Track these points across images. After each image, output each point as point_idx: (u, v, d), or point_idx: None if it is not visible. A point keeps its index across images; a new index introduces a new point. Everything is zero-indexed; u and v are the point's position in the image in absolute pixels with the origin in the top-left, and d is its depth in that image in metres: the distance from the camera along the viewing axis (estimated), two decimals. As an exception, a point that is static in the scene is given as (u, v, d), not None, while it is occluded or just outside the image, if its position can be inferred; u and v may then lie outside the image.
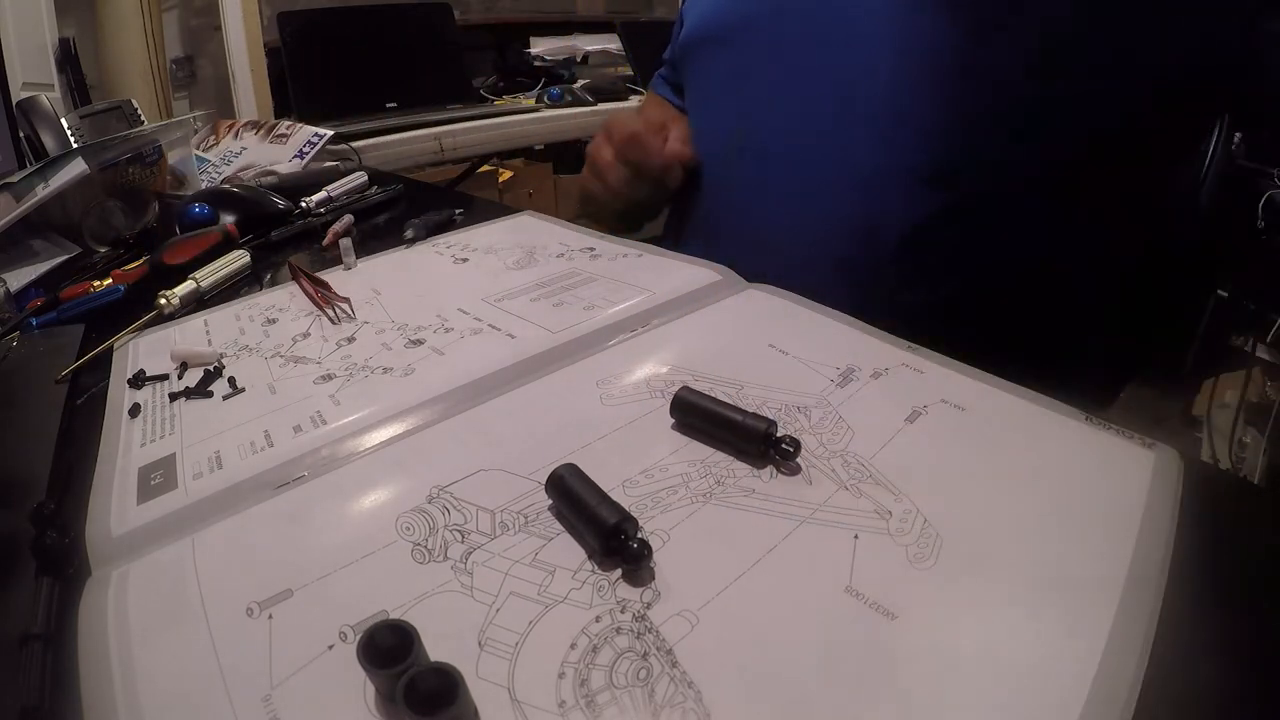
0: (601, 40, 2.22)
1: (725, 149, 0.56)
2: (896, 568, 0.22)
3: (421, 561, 0.24)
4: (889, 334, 0.37)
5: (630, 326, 0.39)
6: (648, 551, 0.23)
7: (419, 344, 0.39)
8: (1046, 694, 0.18)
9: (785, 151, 0.51)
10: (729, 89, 0.56)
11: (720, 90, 0.57)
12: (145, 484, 0.29)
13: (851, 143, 0.47)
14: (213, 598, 0.23)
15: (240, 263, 0.56)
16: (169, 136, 0.85)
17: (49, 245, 0.66)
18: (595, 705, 0.19)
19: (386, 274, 0.51)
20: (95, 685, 0.20)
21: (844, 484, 0.26)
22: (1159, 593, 0.21)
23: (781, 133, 0.52)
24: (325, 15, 1.54)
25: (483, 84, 1.96)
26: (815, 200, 0.50)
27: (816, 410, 0.31)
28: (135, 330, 0.46)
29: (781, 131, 0.52)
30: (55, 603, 0.24)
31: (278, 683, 0.20)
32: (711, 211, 0.58)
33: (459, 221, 0.64)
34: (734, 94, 0.56)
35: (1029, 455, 0.27)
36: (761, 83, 0.53)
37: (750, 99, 0.54)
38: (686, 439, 0.29)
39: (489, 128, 1.43)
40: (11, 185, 0.62)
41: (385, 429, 0.31)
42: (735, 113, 0.55)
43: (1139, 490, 0.25)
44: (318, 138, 1.01)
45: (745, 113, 0.54)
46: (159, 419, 0.34)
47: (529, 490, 0.27)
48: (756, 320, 0.40)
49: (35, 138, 0.84)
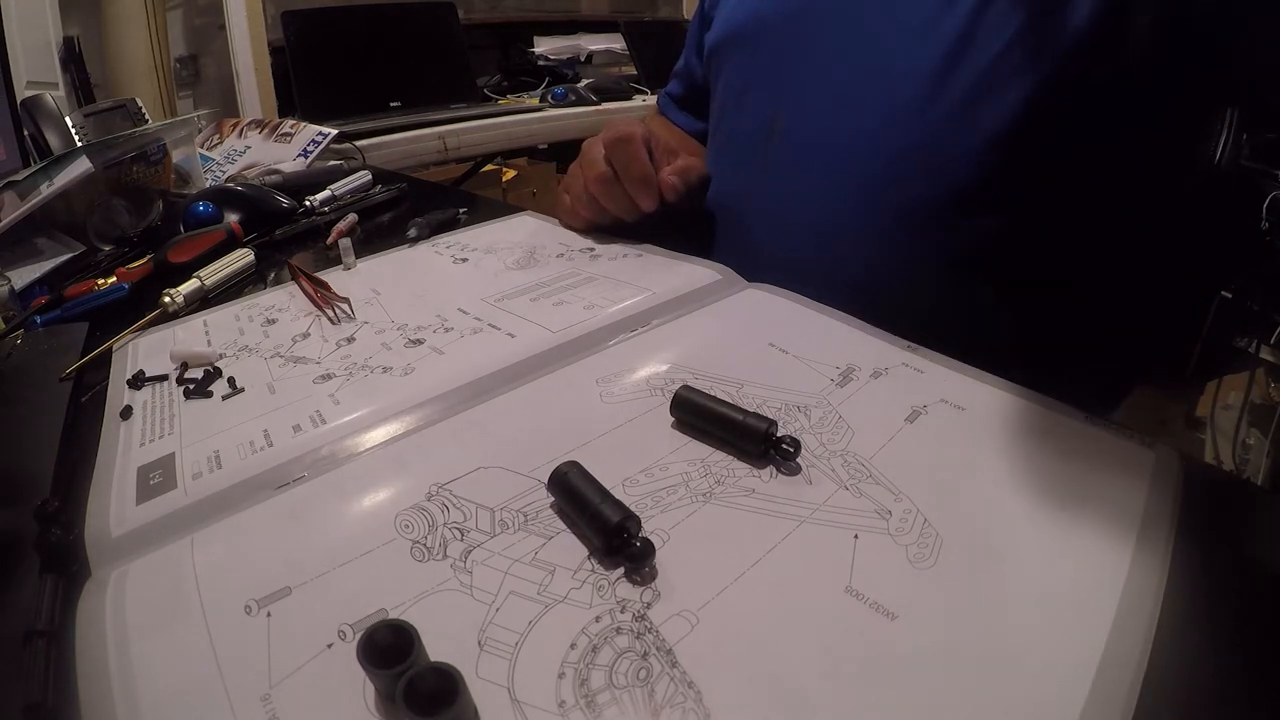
0: (605, 40, 2.22)
1: (758, 137, 0.55)
2: (896, 568, 0.22)
3: (421, 560, 0.24)
4: (889, 334, 0.37)
5: (630, 326, 0.39)
6: (650, 551, 0.23)
7: (419, 344, 0.39)
8: (1046, 694, 0.18)
9: (820, 140, 0.51)
10: (764, 83, 0.55)
11: (756, 85, 0.57)
12: (144, 484, 0.29)
13: (890, 133, 0.47)
14: (211, 596, 0.23)
15: (244, 261, 0.57)
16: (173, 135, 0.85)
17: (53, 243, 0.66)
18: (595, 705, 0.19)
19: (386, 274, 0.52)
20: (93, 685, 0.20)
21: (844, 484, 0.26)
22: (1159, 593, 0.21)
23: (817, 124, 0.51)
24: (329, 14, 1.54)
25: (487, 83, 1.96)
26: (849, 191, 0.50)
27: (816, 410, 0.31)
28: (139, 328, 0.46)
29: (817, 122, 0.51)
30: (59, 600, 0.24)
31: (276, 681, 0.20)
32: (738, 215, 0.57)
33: (463, 220, 0.64)
34: (770, 88, 0.55)
35: (1029, 455, 0.27)
36: (798, 75, 0.52)
37: (787, 91, 0.53)
38: (687, 438, 0.29)
39: (493, 127, 1.43)
40: (16, 183, 0.62)
41: (385, 428, 0.31)
42: (768, 106, 0.54)
43: (1139, 490, 0.25)
44: (322, 136, 1.02)
45: (779, 103, 0.53)
46: (158, 419, 0.34)
47: (529, 488, 0.27)
48: (756, 319, 0.40)
49: (40, 136, 0.84)
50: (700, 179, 0.57)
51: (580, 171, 0.54)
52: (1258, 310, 0.96)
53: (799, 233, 0.52)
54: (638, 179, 0.50)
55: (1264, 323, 0.96)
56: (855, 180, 0.49)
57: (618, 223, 0.53)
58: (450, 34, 1.64)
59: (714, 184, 0.59)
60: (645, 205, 0.50)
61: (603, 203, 0.52)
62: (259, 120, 1.15)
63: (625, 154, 0.50)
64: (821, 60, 0.51)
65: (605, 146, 0.51)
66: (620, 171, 0.51)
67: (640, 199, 0.50)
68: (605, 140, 0.51)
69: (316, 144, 1.01)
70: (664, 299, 0.42)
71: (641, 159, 0.50)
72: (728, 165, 0.59)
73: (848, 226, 0.50)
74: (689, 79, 0.74)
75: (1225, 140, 0.56)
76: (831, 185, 0.50)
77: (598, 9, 2.64)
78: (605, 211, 0.53)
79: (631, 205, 0.51)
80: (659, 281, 0.44)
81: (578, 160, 0.55)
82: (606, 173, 0.51)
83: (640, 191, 0.50)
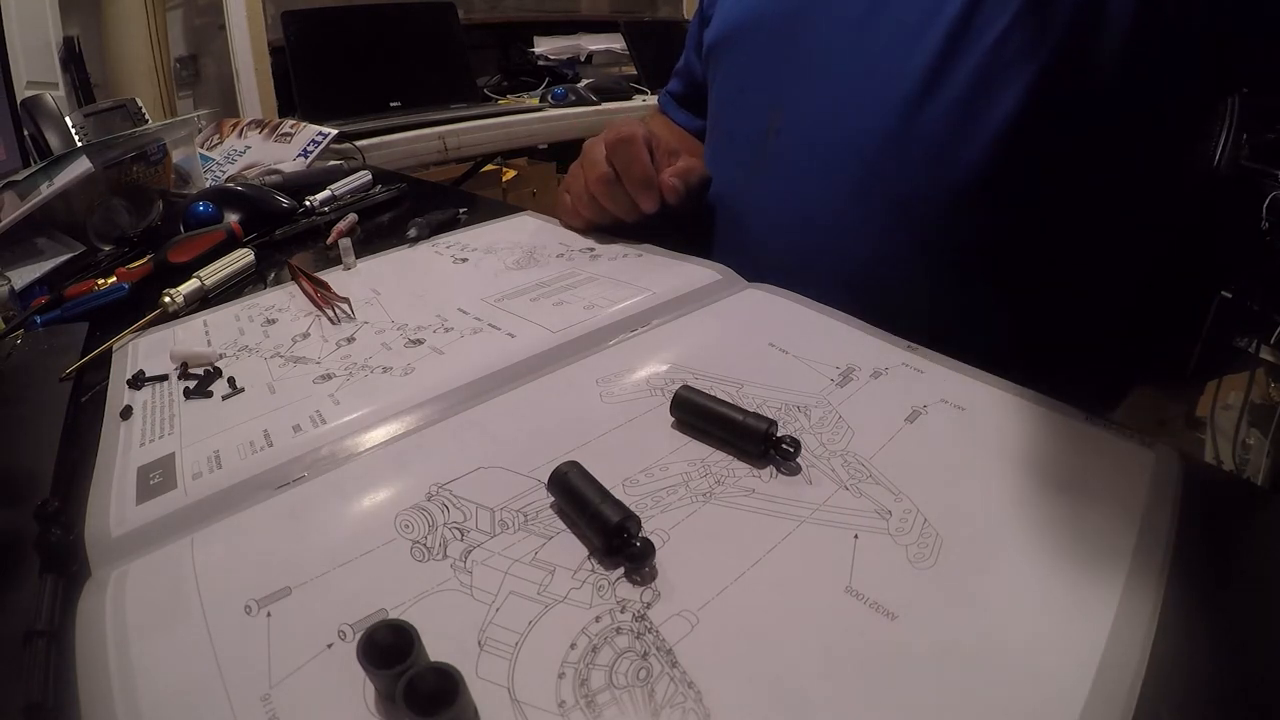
0: (605, 40, 2.22)
1: (756, 136, 0.55)
2: (896, 568, 0.22)
3: (421, 560, 0.24)
4: (889, 333, 0.37)
5: (630, 326, 0.39)
6: (650, 551, 0.23)
7: (419, 344, 0.39)
8: (1047, 694, 0.18)
9: (818, 138, 0.51)
10: (762, 82, 0.55)
11: (753, 84, 0.56)
12: (144, 484, 0.29)
13: (888, 130, 0.47)
14: (211, 596, 0.23)
15: (244, 261, 0.57)
16: (173, 135, 0.85)
17: (53, 243, 0.66)
18: (595, 705, 0.19)
19: (386, 274, 0.52)
20: (93, 685, 0.20)
21: (844, 484, 0.26)
22: (1159, 592, 0.21)
23: (815, 121, 0.51)
24: (329, 14, 1.54)
25: (487, 83, 1.96)
26: (848, 190, 0.49)
27: (816, 410, 0.31)
28: (139, 328, 0.46)
29: (815, 120, 0.51)
30: (59, 600, 0.24)
31: (276, 681, 0.20)
32: (737, 214, 0.57)
33: (463, 220, 0.64)
34: (767, 87, 0.55)
35: (1029, 455, 0.27)
36: (795, 73, 0.52)
37: (784, 90, 0.53)
38: (687, 438, 0.29)
39: (493, 127, 1.43)
40: (16, 183, 0.62)
41: (385, 428, 0.31)
42: (766, 105, 0.54)
43: (1139, 489, 0.25)
44: (322, 136, 1.02)
45: (777, 102, 0.53)
46: (158, 419, 0.34)
47: (529, 488, 0.27)
48: (756, 319, 0.40)
49: (40, 136, 0.84)
50: (701, 180, 0.57)
51: (581, 171, 0.54)
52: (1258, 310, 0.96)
53: (798, 231, 0.52)
54: (639, 180, 0.50)
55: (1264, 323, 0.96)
56: (854, 178, 0.49)
57: (618, 223, 0.53)
58: (450, 34, 1.64)
59: (713, 183, 0.59)
60: (646, 206, 0.50)
61: (604, 203, 0.52)
62: (259, 120, 1.15)
63: (627, 155, 0.50)
64: (819, 58, 0.51)
65: (607, 147, 0.51)
66: (621, 172, 0.50)
67: (641, 200, 0.50)
68: (607, 140, 0.51)
69: (316, 144, 1.01)
70: (664, 299, 0.42)
71: (643, 160, 0.50)
72: (726, 164, 0.59)
73: (847, 225, 0.50)
74: (689, 77, 0.74)
75: (1225, 140, 0.56)
76: (830, 183, 0.50)
77: (598, 9, 2.64)
78: (606, 212, 0.53)
79: (632, 206, 0.51)
80: (659, 281, 0.44)
81: (579, 160, 0.55)
82: (608, 173, 0.51)
83: (641, 193, 0.50)
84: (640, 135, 0.50)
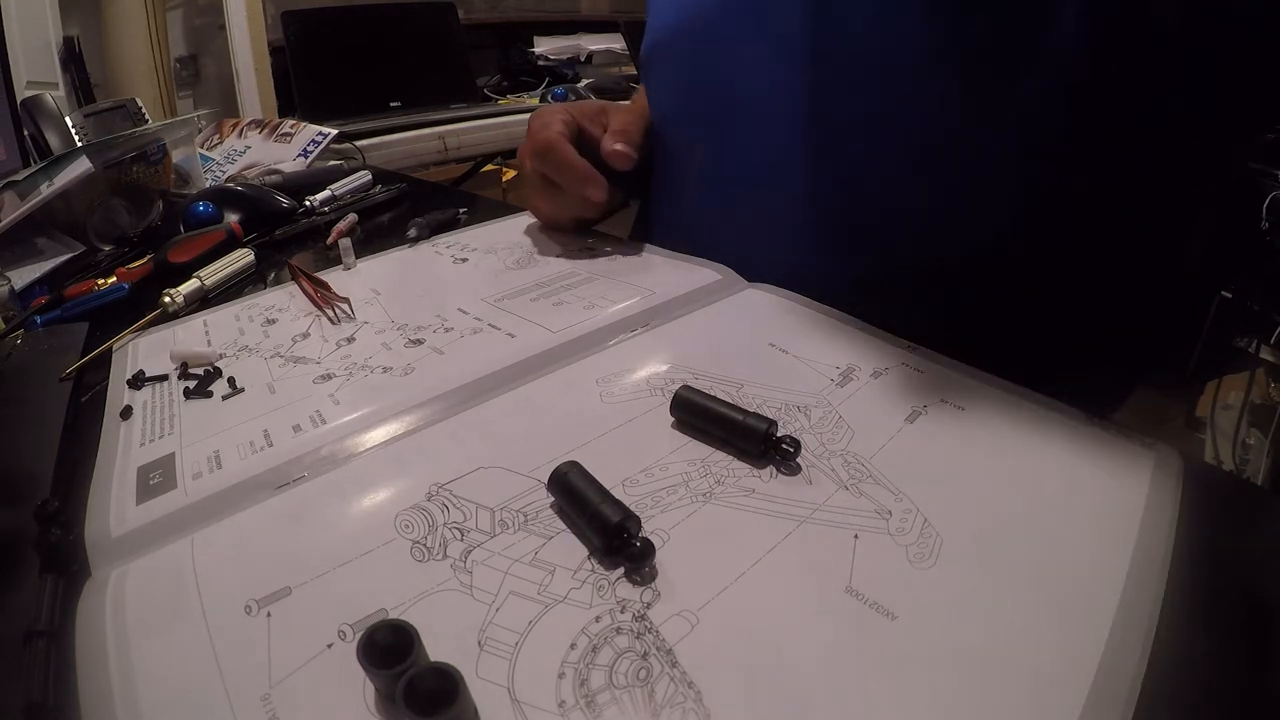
0: (605, 40, 2.23)
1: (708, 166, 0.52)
2: (896, 568, 0.22)
3: (421, 560, 0.24)
4: (889, 334, 0.37)
5: (630, 326, 0.39)
6: (650, 551, 0.23)
7: (419, 344, 0.39)
8: (1047, 694, 0.18)
9: (768, 117, 0.48)
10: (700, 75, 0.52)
11: (689, 83, 0.54)
12: (144, 484, 0.29)
13: (887, 127, 0.46)
14: (211, 596, 0.23)
15: (244, 261, 0.57)
16: (173, 135, 0.85)
17: (53, 243, 0.66)
18: (595, 705, 0.19)
19: (386, 274, 0.52)
20: (93, 685, 0.20)
21: (844, 484, 0.26)
22: (1159, 593, 0.21)
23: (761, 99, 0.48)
24: (329, 14, 1.54)
25: (487, 83, 1.96)
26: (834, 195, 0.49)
27: (816, 410, 0.31)
28: (139, 328, 0.46)
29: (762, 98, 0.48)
30: (59, 600, 0.24)
31: (276, 681, 0.20)
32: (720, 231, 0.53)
33: (463, 220, 0.64)
34: (710, 70, 0.51)
35: (1029, 455, 0.27)
36: (740, 59, 0.49)
37: (730, 72, 0.50)
38: (686, 438, 0.29)
39: (493, 127, 1.43)
40: (16, 183, 0.62)
41: (385, 428, 0.31)
42: (712, 80, 0.51)
43: (1139, 490, 0.25)
44: (321, 136, 1.02)
45: (724, 81, 0.50)
46: (158, 419, 0.34)
47: (529, 488, 0.27)
48: (756, 319, 0.40)
49: (40, 136, 0.84)
50: (647, 128, 0.55)
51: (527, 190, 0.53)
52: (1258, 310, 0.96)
53: (791, 238, 0.52)
54: (576, 180, 0.48)
55: (1264, 323, 0.96)
56: (842, 182, 0.48)
57: (600, 216, 0.53)
58: (450, 34, 1.65)
59: (690, 203, 0.56)
60: (597, 197, 0.48)
61: (559, 213, 0.52)
62: (259, 120, 1.15)
63: (553, 162, 0.48)
64: (774, 46, 0.47)
65: (531, 161, 0.50)
66: (556, 180, 0.49)
67: (589, 193, 0.48)
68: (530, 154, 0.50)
69: (316, 144, 1.01)
70: (664, 299, 0.42)
71: (570, 160, 0.48)
72: (692, 187, 0.55)
73: (844, 226, 0.49)
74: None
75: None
76: (815, 192, 0.49)
77: (598, 9, 2.64)
78: (566, 216, 0.52)
79: (586, 202, 0.50)
80: (659, 281, 0.44)
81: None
82: (545, 188, 0.50)
83: (585, 187, 0.48)
84: (557, 135, 0.48)
